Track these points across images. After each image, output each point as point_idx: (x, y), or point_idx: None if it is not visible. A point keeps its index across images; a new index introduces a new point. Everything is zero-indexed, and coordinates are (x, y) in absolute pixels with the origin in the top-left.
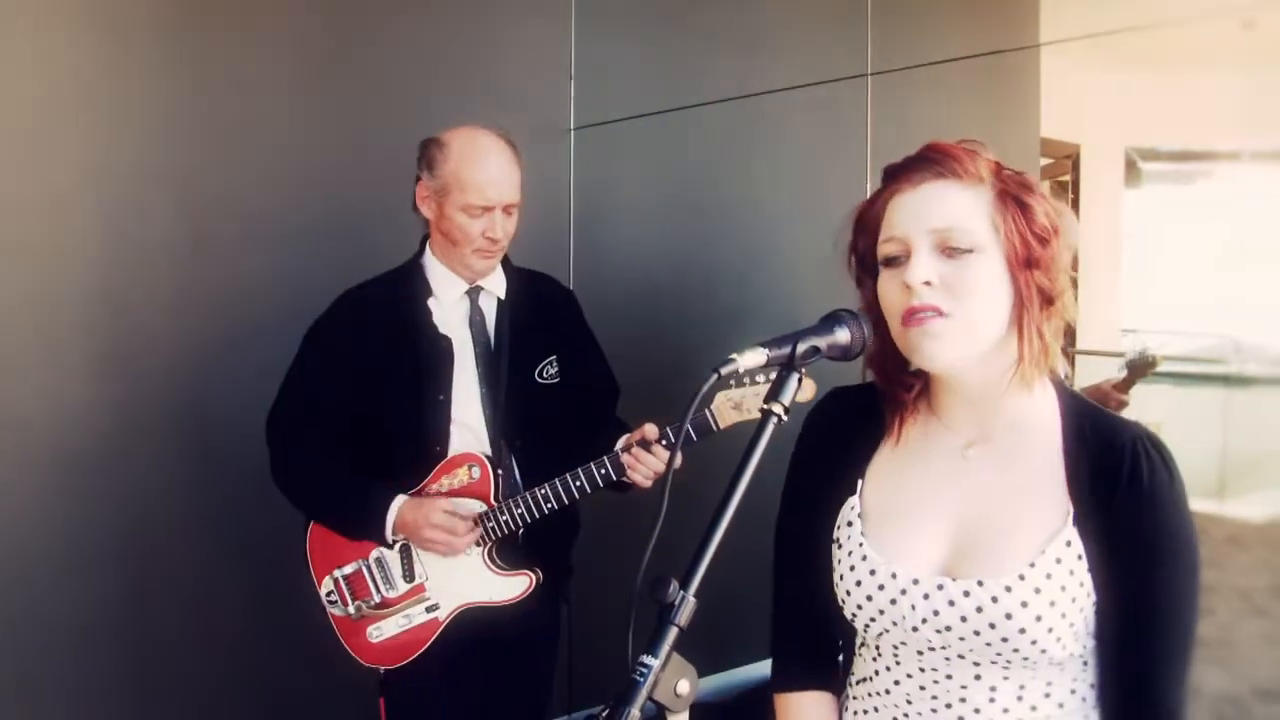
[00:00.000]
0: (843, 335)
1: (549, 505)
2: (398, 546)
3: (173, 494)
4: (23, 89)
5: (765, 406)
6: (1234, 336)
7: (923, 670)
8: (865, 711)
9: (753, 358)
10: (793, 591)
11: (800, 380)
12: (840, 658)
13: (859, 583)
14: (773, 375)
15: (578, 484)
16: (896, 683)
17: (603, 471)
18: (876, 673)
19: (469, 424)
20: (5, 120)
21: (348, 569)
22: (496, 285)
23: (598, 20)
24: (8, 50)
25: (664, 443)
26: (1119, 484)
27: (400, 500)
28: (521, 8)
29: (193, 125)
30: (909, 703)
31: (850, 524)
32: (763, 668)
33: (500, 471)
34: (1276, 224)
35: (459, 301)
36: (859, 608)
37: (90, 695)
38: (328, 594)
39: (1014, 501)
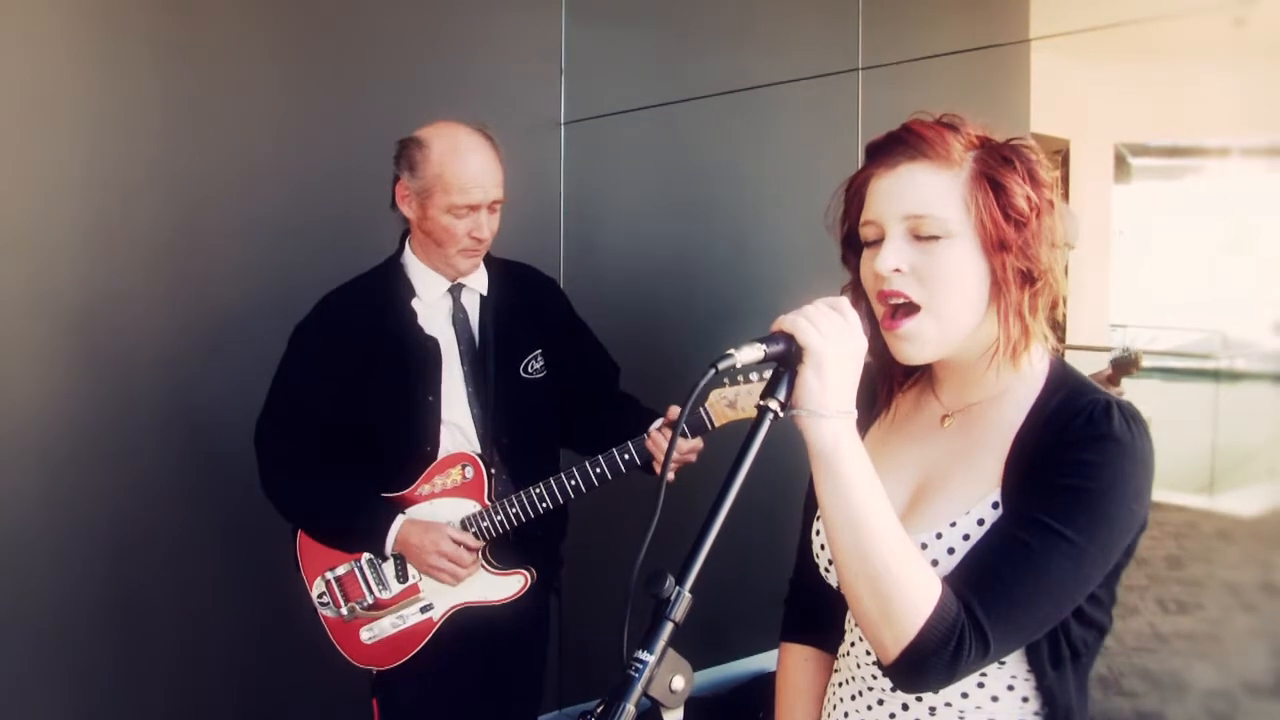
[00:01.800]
0: None
1: (544, 505)
2: None
3: (163, 492)
4: (12, 87)
5: (761, 403)
6: (1223, 331)
7: (862, 639)
8: (837, 670)
9: (750, 353)
10: (802, 555)
11: (795, 377)
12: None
13: (823, 547)
14: (767, 373)
15: (573, 483)
16: (853, 645)
17: (598, 470)
18: (846, 638)
19: (458, 423)
20: None
21: (340, 570)
22: (478, 282)
23: (588, 14)
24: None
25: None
26: (1052, 438)
27: (402, 520)
28: (512, 2)
29: (181, 123)
30: (858, 666)
31: None
32: (757, 661)
33: (493, 471)
34: (1266, 220)
35: (441, 300)
36: (826, 571)
37: (82, 694)
38: (319, 595)
39: (962, 466)
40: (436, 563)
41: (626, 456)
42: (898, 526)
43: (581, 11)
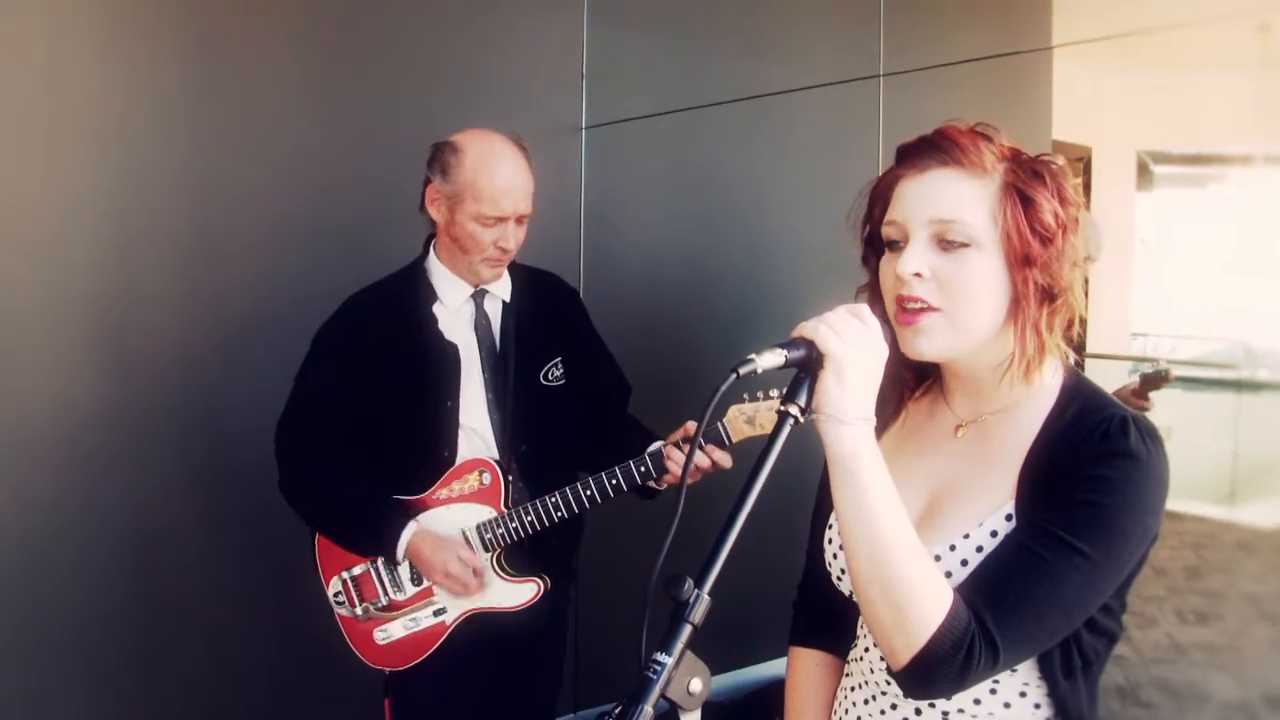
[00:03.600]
0: None
1: (559, 514)
2: None
3: (180, 494)
4: (33, 91)
5: (782, 408)
6: (1245, 341)
7: (876, 645)
8: (849, 674)
9: (771, 358)
10: (811, 560)
11: (815, 382)
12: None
13: (835, 556)
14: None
15: (588, 493)
16: (866, 650)
17: (614, 482)
18: (859, 644)
19: (476, 429)
20: (16, 122)
21: (356, 570)
22: (501, 288)
23: (610, 19)
24: (18, 52)
25: (681, 445)
26: (1067, 453)
27: (413, 530)
28: (534, 6)
29: (202, 127)
30: (872, 671)
31: None
32: (773, 667)
33: (510, 477)
34: None
35: (464, 305)
36: (838, 579)
37: (95, 695)
38: (335, 594)
39: (976, 478)
40: (442, 582)
41: (643, 469)
42: (913, 534)
43: (604, 16)
